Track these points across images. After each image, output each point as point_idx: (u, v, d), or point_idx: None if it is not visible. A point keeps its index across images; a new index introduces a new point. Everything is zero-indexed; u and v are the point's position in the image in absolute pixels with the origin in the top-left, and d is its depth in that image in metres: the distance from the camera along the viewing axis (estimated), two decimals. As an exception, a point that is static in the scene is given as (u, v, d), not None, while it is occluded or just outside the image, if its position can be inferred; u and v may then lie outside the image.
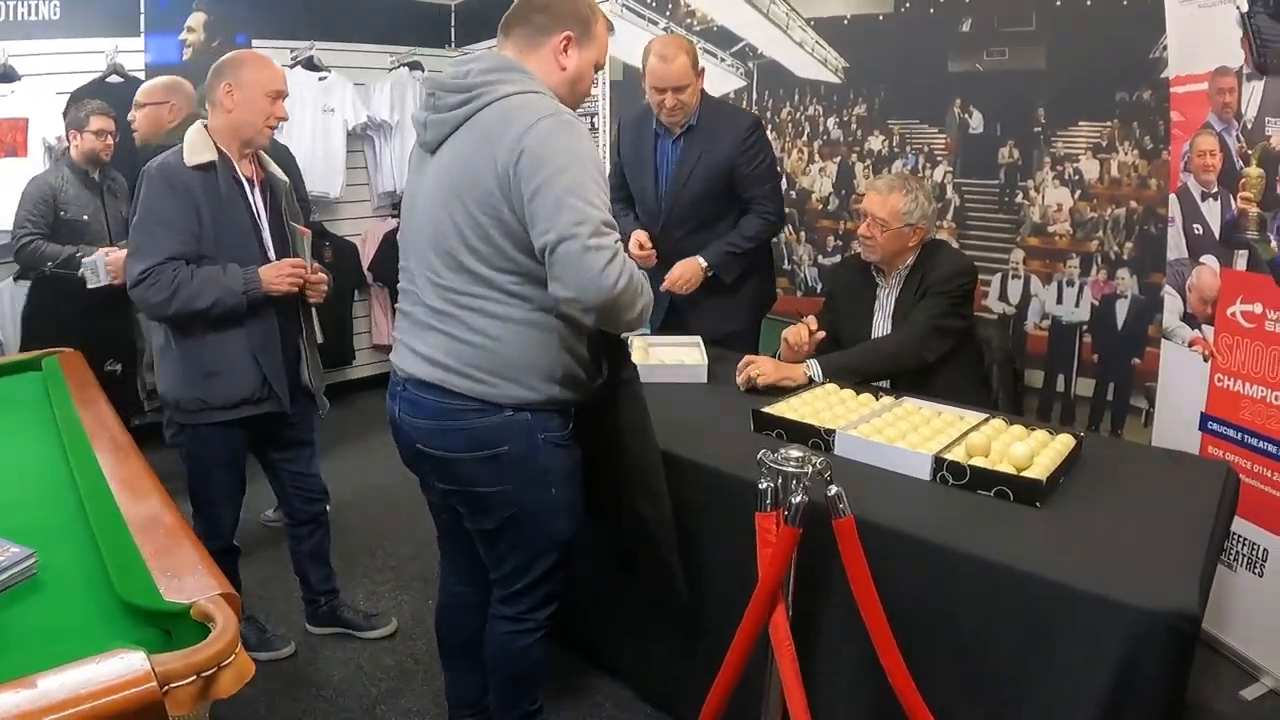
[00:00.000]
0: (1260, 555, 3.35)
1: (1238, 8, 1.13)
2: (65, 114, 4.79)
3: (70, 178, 4.56)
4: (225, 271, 3.01)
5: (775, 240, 4.94)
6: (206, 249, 3.02)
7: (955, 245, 4.44)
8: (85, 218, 4.55)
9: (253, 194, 3.17)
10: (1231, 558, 3.43)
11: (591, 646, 3.39)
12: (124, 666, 1.38)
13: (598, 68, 2.53)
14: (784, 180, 5.25)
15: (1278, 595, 3.30)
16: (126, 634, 1.61)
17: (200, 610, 1.61)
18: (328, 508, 3.71)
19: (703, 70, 3.96)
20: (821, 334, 3.59)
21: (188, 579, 1.75)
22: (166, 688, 1.39)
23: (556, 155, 2.18)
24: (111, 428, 2.70)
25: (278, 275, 3.10)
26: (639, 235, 4.00)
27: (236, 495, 3.39)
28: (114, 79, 5.40)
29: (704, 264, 3.96)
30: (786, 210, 4.99)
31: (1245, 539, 3.39)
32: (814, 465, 2.22)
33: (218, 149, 3.07)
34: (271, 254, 3.20)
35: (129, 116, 4.61)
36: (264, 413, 3.22)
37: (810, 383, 3.36)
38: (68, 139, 4.55)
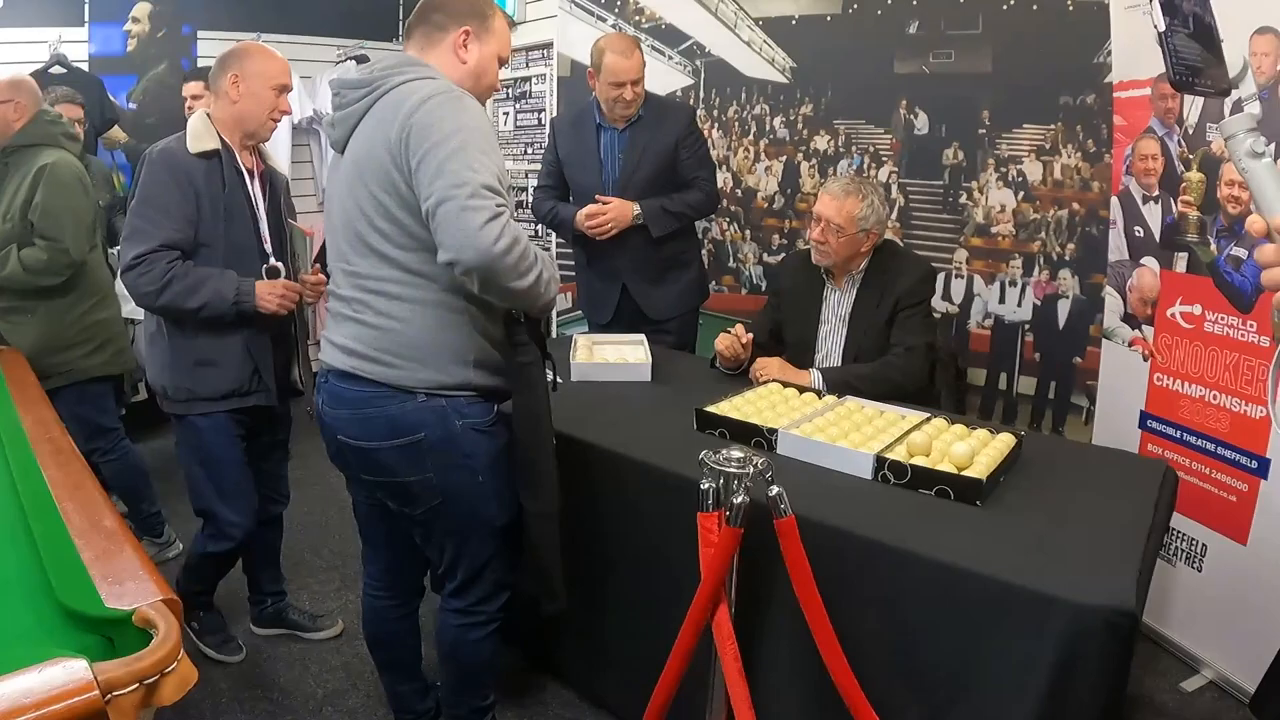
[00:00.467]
0: (1199, 550, 3.40)
1: (1155, 27, 1.14)
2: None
3: None
4: (222, 276, 2.97)
5: (720, 239, 4.97)
6: (204, 237, 2.99)
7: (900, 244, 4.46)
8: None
9: (252, 185, 3.14)
10: (1171, 553, 3.48)
11: (535, 646, 3.36)
12: (66, 675, 1.35)
13: (501, 61, 2.57)
14: (730, 178, 5.32)
15: (1216, 589, 3.35)
16: (68, 641, 1.58)
17: (142, 616, 1.58)
18: (284, 511, 3.68)
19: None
20: (749, 337, 3.59)
21: (129, 585, 1.71)
22: (109, 696, 1.36)
23: (442, 125, 2.21)
24: (53, 431, 2.64)
25: (270, 294, 3.06)
26: (586, 209, 4.14)
27: (239, 492, 3.27)
28: (57, 69, 5.32)
29: (636, 209, 4.08)
30: (732, 209, 5.04)
31: (1185, 534, 3.44)
32: (755, 465, 2.22)
33: (220, 139, 3.03)
34: (268, 247, 3.18)
35: None
36: (250, 406, 3.19)
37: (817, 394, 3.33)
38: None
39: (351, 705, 3.27)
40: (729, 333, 3.60)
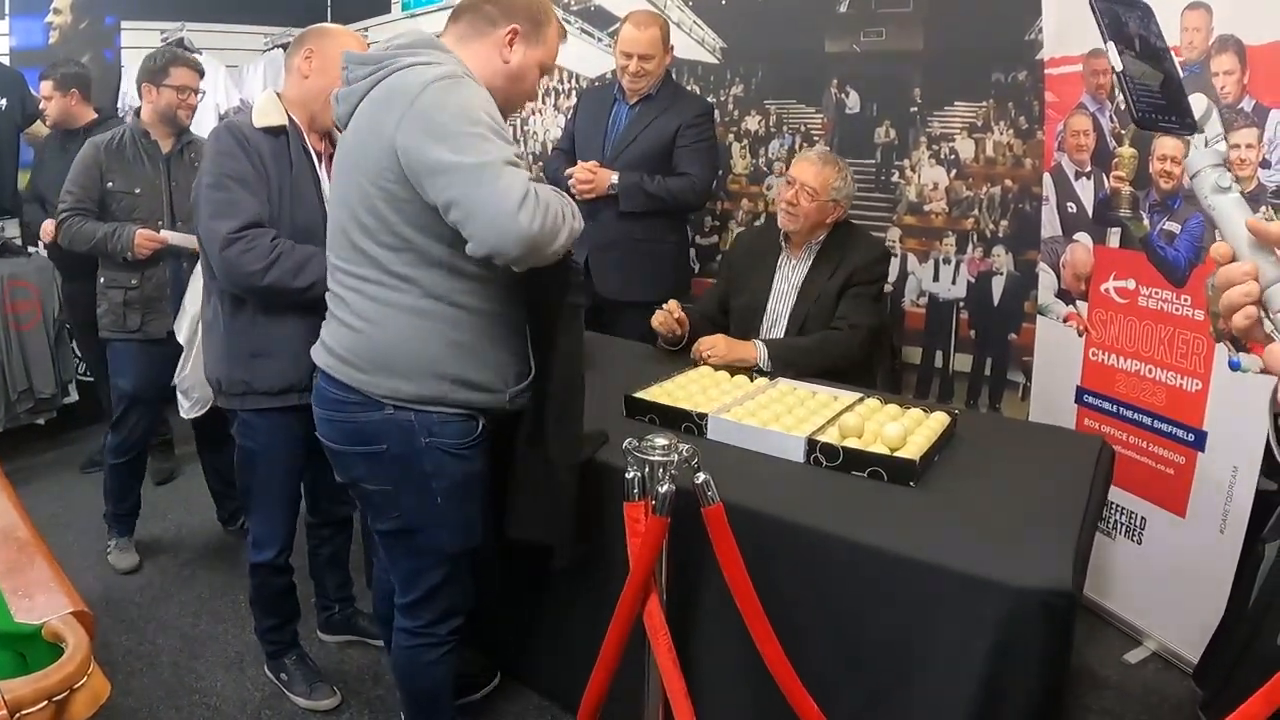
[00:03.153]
0: (1138, 523, 3.41)
1: (1113, 68, 1.11)
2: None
3: (129, 141, 3.90)
4: (323, 255, 2.65)
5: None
6: (270, 217, 2.80)
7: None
8: (137, 191, 3.93)
9: (321, 169, 2.94)
10: (1110, 526, 3.49)
11: (492, 646, 3.26)
12: (-30, 694, 1.30)
13: (544, 71, 2.43)
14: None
15: (1156, 561, 3.36)
16: (-23, 658, 1.54)
17: (51, 630, 1.53)
18: (355, 513, 3.49)
19: (671, 48, 4.18)
20: (680, 313, 3.61)
21: (39, 598, 1.65)
22: (17, 715, 1.32)
23: (444, 113, 2.08)
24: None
25: None
26: (579, 165, 4.14)
27: (287, 500, 3.11)
28: (-23, 62, 5.20)
29: (614, 179, 4.06)
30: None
31: (1123, 508, 3.45)
32: (680, 453, 2.19)
33: (289, 117, 2.88)
34: None
35: None
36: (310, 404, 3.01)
37: (757, 370, 3.33)
38: (139, 94, 4.00)
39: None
40: (663, 309, 3.61)
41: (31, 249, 5.07)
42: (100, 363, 4.99)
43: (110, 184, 3.81)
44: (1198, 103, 1.17)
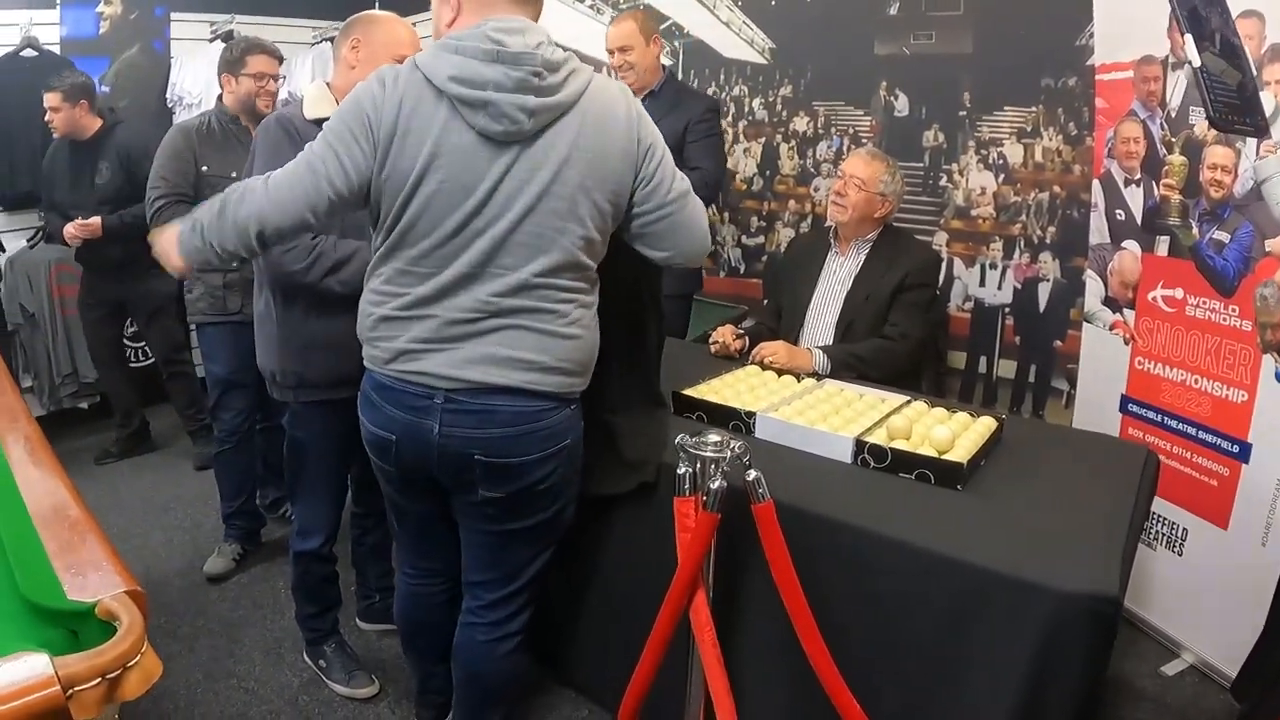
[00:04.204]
0: (1180, 535, 3.38)
1: (1189, 63, 1.11)
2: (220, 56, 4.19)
3: (218, 126, 3.94)
4: (369, 248, 2.59)
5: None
6: None
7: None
8: (234, 175, 3.77)
9: None
10: (1151, 537, 3.47)
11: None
12: (27, 670, 1.31)
13: None
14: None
15: (1196, 573, 3.34)
16: (31, 635, 1.55)
17: (105, 609, 1.53)
18: None
19: (656, 39, 4.19)
20: (739, 344, 3.65)
21: (92, 576, 1.66)
22: (70, 691, 1.33)
23: (654, 130, 2.26)
24: (18, 417, 2.57)
25: None
26: None
27: (334, 490, 3.13)
28: (28, 53, 5.25)
29: None
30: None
31: (1165, 519, 3.43)
32: (733, 450, 2.20)
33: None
34: None
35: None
36: None
37: (815, 375, 3.33)
38: (220, 84, 4.02)
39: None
40: (729, 328, 3.69)
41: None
42: (108, 357, 5.12)
43: (205, 168, 3.80)
44: (1266, 103, 1.15)
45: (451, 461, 2.28)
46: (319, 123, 2.74)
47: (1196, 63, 1.14)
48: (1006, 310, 4.25)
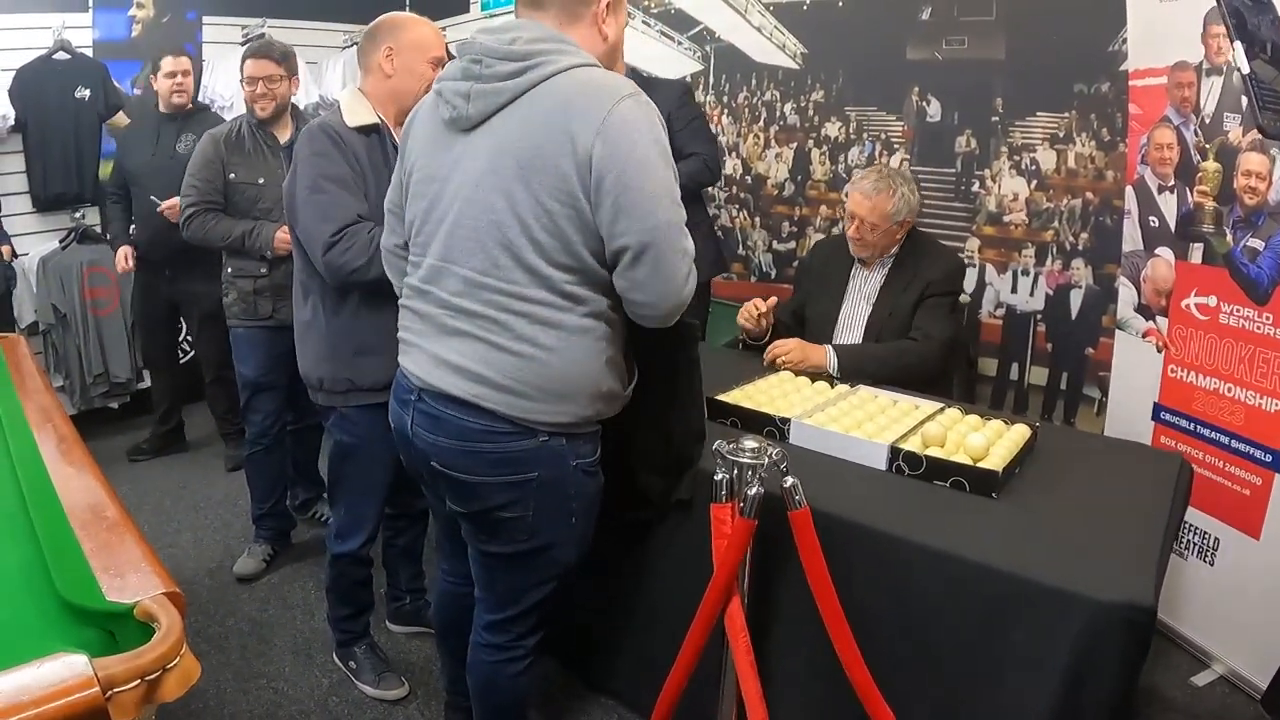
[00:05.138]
0: (1211, 544, 3.37)
1: (1238, 69, 1.10)
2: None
3: (247, 133, 3.95)
4: None
5: (730, 226, 4.95)
6: (370, 218, 2.73)
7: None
8: (260, 181, 3.92)
9: None
10: (1183, 547, 3.45)
11: (560, 647, 3.24)
12: (66, 671, 1.31)
13: None
14: (740, 165, 5.31)
15: (1228, 584, 3.32)
16: (69, 635, 1.56)
17: (144, 610, 1.53)
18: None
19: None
20: (771, 301, 3.58)
21: (130, 577, 1.67)
22: (110, 693, 1.33)
23: (641, 144, 1.99)
24: (55, 418, 2.58)
25: None
26: None
27: (378, 493, 3.10)
28: (61, 55, 5.27)
29: None
30: (742, 196, 5.01)
31: (1197, 528, 3.41)
32: (770, 456, 2.20)
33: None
34: None
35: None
36: None
37: (829, 379, 3.31)
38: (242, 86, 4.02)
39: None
40: (752, 304, 3.60)
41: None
42: (160, 352, 5.13)
43: (233, 175, 3.84)
44: None
45: (420, 464, 2.31)
46: (363, 130, 2.77)
47: (1246, 70, 1.12)
48: (1038, 317, 4.24)
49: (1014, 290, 4.30)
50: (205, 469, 5.18)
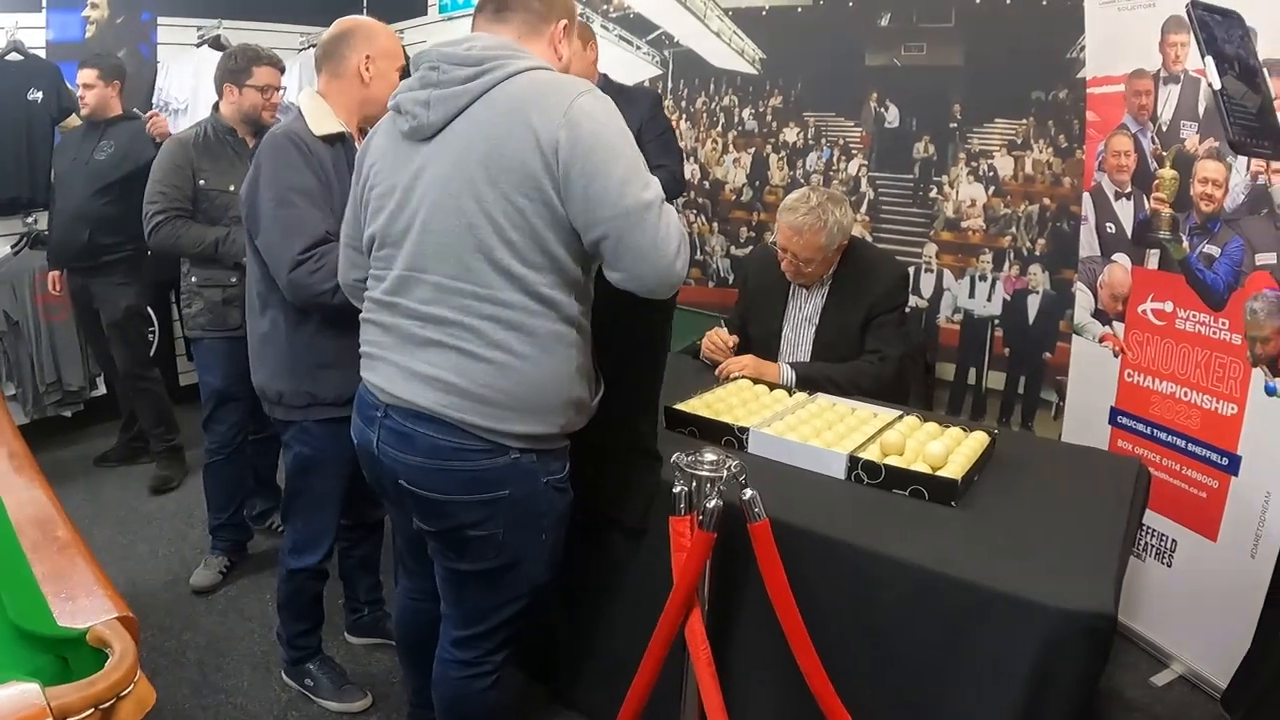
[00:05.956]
0: (1169, 546, 3.40)
1: (1210, 86, 1.10)
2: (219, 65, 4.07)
3: (215, 138, 3.86)
4: None
5: (688, 231, 4.96)
6: (334, 230, 2.64)
7: (869, 239, 4.51)
8: (231, 189, 3.79)
9: None
10: (1141, 548, 3.48)
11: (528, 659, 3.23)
12: (19, 701, 1.30)
13: None
14: (698, 170, 5.30)
15: (1186, 585, 3.35)
16: (21, 662, 1.53)
17: (96, 636, 1.51)
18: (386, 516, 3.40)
19: (592, 44, 4.07)
20: (734, 341, 3.58)
21: (83, 601, 1.64)
22: (63, 722, 1.31)
23: (605, 133, 1.99)
24: (6, 435, 2.53)
25: None
26: None
27: (338, 506, 3.06)
28: (14, 56, 5.21)
29: None
30: (700, 201, 5.01)
31: (1155, 530, 3.44)
32: (729, 469, 2.19)
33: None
34: None
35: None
36: None
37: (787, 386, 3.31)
38: (219, 92, 3.92)
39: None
40: (720, 332, 3.62)
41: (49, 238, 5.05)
42: (108, 359, 5.06)
43: (203, 182, 3.77)
44: None
45: (387, 481, 2.27)
46: (328, 139, 2.72)
47: (1218, 85, 1.13)
48: (996, 322, 4.26)
49: (971, 295, 4.32)
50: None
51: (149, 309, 5.08)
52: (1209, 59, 1.16)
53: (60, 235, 4.77)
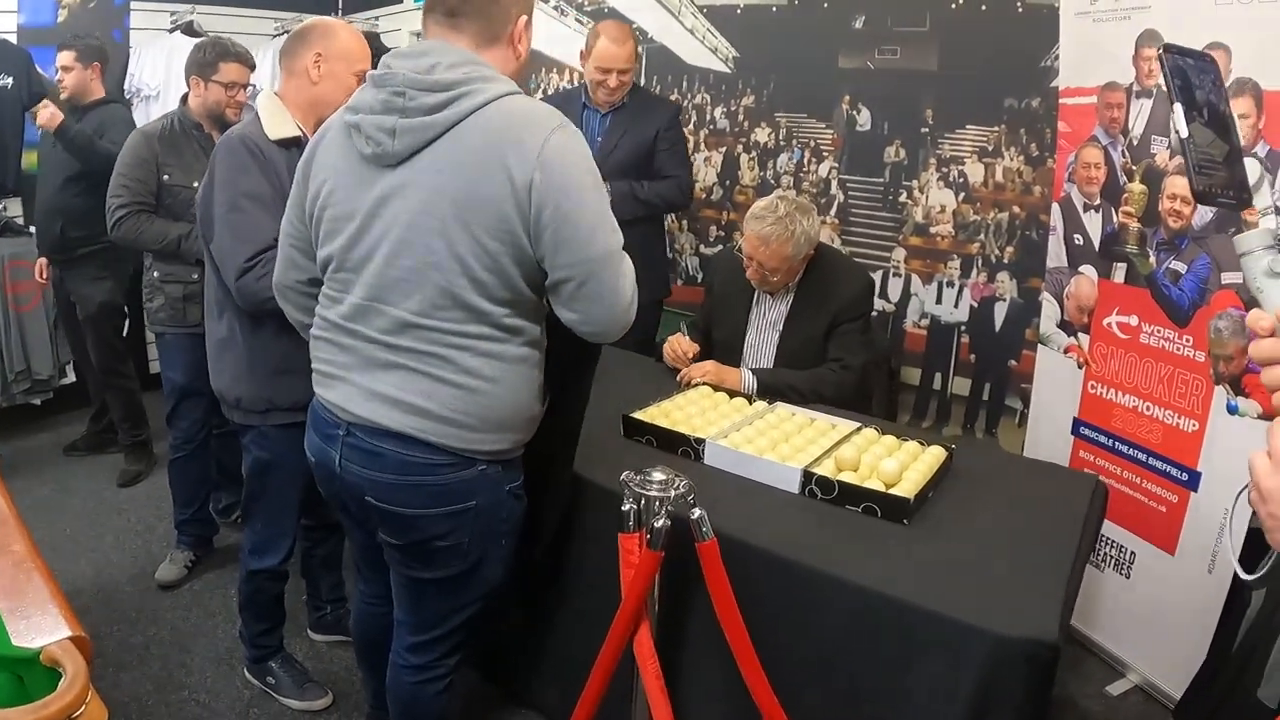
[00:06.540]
0: (1128, 558, 3.41)
1: (1177, 132, 1.10)
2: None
3: (181, 133, 3.80)
4: None
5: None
6: None
7: (838, 242, 4.52)
8: (195, 185, 3.61)
9: None
10: (1101, 559, 3.49)
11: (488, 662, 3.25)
12: (-30, 724, 1.29)
13: None
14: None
15: (1144, 596, 3.36)
16: (-24, 680, 1.52)
17: (49, 656, 1.50)
18: None
19: (640, 54, 4.21)
20: (695, 350, 3.55)
21: (36, 619, 1.63)
22: (16, 745, 1.30)
23: (577, 176, 1.99)
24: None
25: None
26: None
27: (296, 509, 3.07)
28: (-17, 42, 5.15)
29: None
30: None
31: (1114, 542, 3.45)
32: (677, 488, 2.19)
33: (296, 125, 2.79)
34: None
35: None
36: None
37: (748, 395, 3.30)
38: (188, 84, 3.85)
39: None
40: (681, 340, 3.59)
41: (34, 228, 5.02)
42: (83, 351, 5.01)
43: (167, 177, 3.72)
44: (1250, 170, 1.15)
45: (351, 497, 2.26)
46: (283, 143, 2.69)
47: (1184, 133, 1.12)
48: (962, 328, 4.27)
49: (939, 301, 4.32)
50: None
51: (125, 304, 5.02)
52: (1178, 105, 1.15)
53: (39, 225, 4.75)
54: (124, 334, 4.93)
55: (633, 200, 4.08)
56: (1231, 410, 2.96)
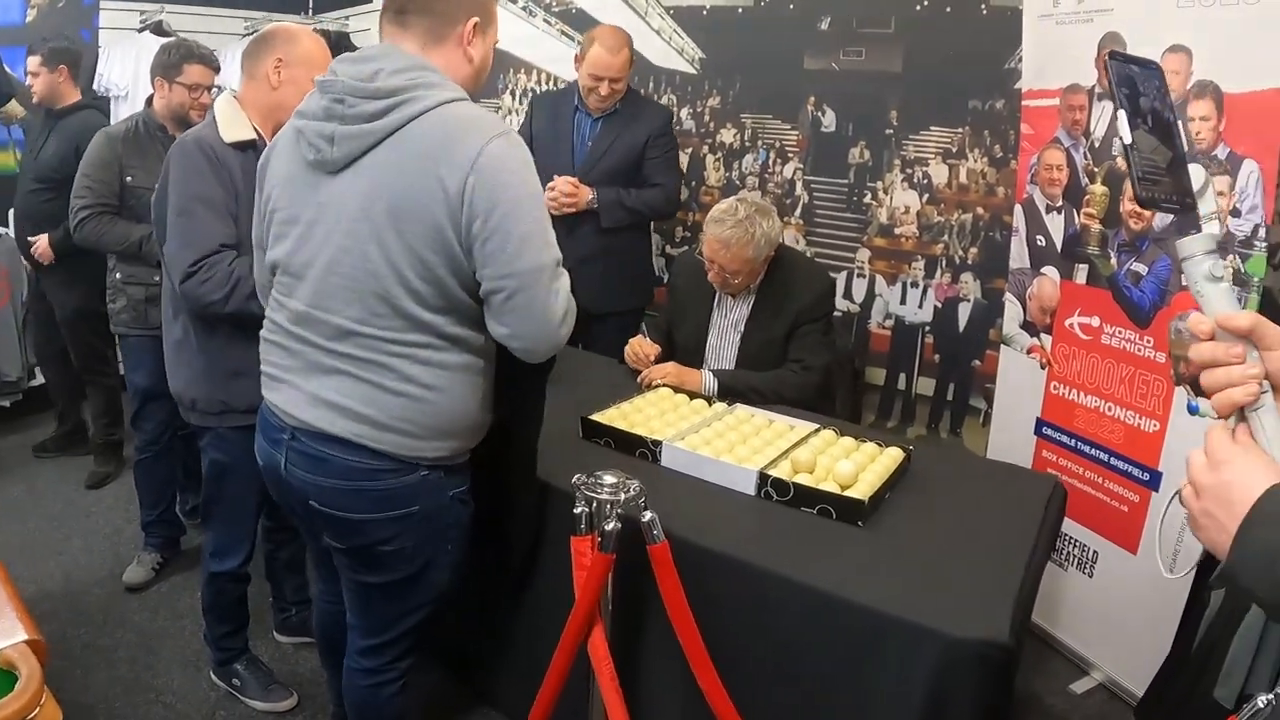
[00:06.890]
0: (1090, 557, 3.42)
1: (1120, 139, 1.10)
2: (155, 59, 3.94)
3: (145, 134, 3.79)
4: None
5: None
6: (242, 238, 2.62)
7: (802, 243, 4.54)
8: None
9: None
10: (1063, 558, 3.51)
11: (454, 661, 3.26)
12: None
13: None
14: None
15: (1106, 595, 3.38)
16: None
17: (5, 659, 1.52)
18: None
19: (633, 62, 4.11)
20: (656, 351, 3.55)
21: None
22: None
23: (512, 186, 1.97)
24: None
25: None
26: (565, 181, 4.05)
27: (254, 511, 3.09)
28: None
29: (591, 195, 4.03)
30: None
31: (1077, 541, 3.47)
32: (628, 491, 2.19)
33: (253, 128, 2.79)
34: None
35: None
36: None
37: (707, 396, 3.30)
38: (153, 87, 3.84)
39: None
40: (642, 341, 3.59)
41: (1, 229, 5.00)
42: (52, 353, 4.99)
43: (130, 179, 3.71)
44: (1195, 175, 1.14)
45: (296, 501, 2.26)
46: (238, 146, 2.69)
47: (1129, 140, 1.12)
48: (926, 329, 4.29)
49: (903, 302, 4.34)
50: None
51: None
52: (1122, 112, 1.16)
53: (16, 228, 4.73)
54: (103, 334, 4.91)
55: (620, 208, 4.08)
56: (1192, 411, 2.97)
